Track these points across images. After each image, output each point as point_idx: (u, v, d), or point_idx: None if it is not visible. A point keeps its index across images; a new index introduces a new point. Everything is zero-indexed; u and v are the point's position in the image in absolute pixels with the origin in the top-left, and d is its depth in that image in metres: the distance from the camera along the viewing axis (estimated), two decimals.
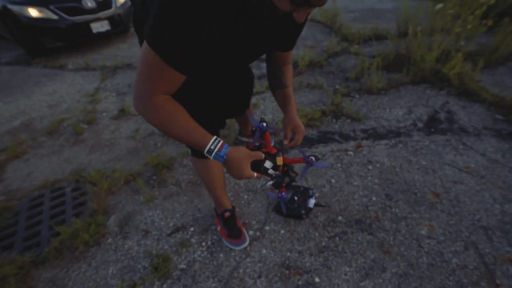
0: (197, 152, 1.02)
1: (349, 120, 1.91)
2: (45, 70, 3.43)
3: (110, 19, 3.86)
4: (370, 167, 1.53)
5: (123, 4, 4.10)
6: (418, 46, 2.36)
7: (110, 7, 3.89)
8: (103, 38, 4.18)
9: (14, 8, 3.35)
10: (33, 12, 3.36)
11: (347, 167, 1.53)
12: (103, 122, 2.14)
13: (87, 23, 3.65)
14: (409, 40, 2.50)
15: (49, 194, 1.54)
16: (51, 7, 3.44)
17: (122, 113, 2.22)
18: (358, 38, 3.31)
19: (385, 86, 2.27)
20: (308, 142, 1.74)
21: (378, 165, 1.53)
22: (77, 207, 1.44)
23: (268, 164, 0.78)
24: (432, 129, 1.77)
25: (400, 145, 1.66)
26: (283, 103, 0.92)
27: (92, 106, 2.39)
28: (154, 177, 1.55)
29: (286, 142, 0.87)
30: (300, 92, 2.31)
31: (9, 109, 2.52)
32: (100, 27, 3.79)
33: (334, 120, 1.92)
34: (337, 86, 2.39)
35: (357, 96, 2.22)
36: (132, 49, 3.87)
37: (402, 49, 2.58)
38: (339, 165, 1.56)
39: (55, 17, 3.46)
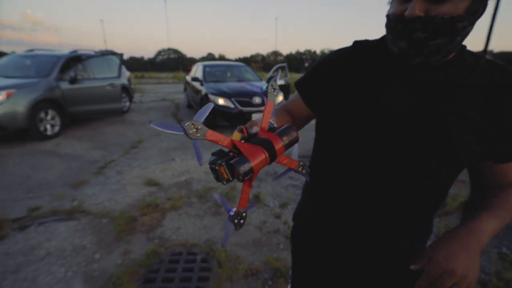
0: None
1: None
2: None
3: None
4: None
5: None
6: None
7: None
8: None
9: (211, 96, 4.81)
10: (221, 101, 4.69)
11: None
12: None
13: (250, 113, 4.71)
14: None
15: (185, 256, 1.83)
16: (232, 99, 4.71)
17: (256, 199, 2.53)
18: None
19: None
20: None
21: None
22: (201, 280, 1.63)
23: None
24: None
25: None
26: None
27: (235, 183, 2.87)
28: (270, 282, 1.58)
29: (413, 266, 0.49)
30: None
31: (182, 166, 3.38)
32: (259, 117, 4.82)
33: None
34: (504, 250, 1.86)
35: None
36: None
37: None
38: None
39: (232, 106, 4.67)
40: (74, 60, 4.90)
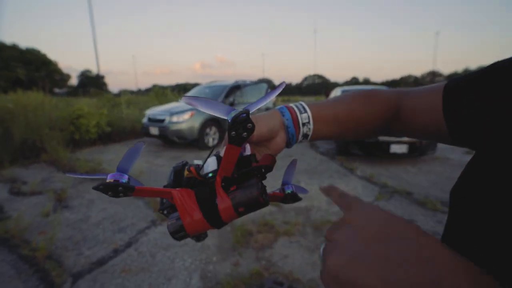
0: None
1: None
2: (340, 168, 4.25)
3: (411, 144, 4.02)
4: None
5: None
6: None
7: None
8: (396, 158, 4.42)
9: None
10: None
11: None
12: None
13: (388, 143, 4.07)
14: None
15: None
16: None
17: None
18: None
19: None
20: None
21: None
22: None
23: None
24: None
25: None
26: None
27: None
28: None
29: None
30: None
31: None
32: (398, 149, 4.06)
33: None
34: None
35: None
36: (418, 177, 3.68)
37: None
38: None
39: None
40: (235, 88, 6.10)
